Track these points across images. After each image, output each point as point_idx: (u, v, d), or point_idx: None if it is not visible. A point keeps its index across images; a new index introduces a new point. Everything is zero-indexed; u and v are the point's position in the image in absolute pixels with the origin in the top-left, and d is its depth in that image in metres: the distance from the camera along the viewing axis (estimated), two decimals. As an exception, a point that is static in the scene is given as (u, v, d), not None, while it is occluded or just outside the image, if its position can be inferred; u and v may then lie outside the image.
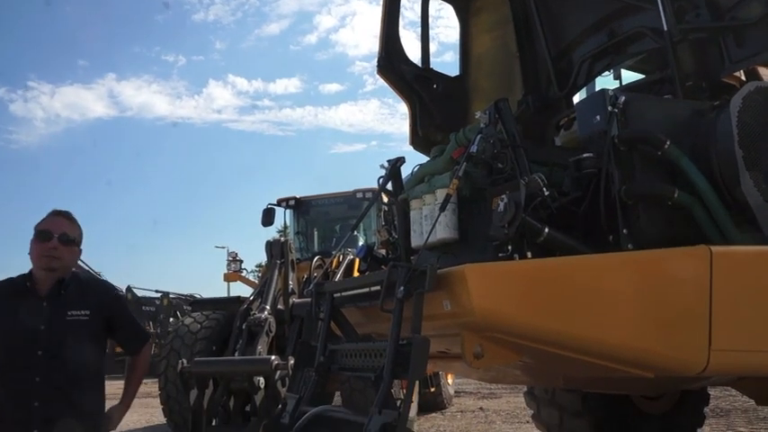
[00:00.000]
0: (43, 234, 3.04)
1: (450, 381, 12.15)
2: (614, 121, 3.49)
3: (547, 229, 3.31)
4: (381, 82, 5.50)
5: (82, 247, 3.23)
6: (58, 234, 3.10)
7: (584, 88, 5.38)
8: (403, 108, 5.64)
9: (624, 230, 3.39)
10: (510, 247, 3.34)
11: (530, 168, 3.55)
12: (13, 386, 2.93)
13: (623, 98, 3.53)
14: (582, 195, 3.54)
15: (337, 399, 8.84)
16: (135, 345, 3.63)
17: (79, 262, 16.11)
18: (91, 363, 3.17)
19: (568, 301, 3.08)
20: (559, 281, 3.12)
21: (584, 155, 3.56)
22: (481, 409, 11.64)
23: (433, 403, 11.36)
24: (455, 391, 12.80)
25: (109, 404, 3.37)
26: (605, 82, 5.16)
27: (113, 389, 3.61)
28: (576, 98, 5.39)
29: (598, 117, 3.59)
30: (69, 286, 3.14)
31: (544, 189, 3.38)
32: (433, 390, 11.26)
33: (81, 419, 3.04)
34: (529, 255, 3.34)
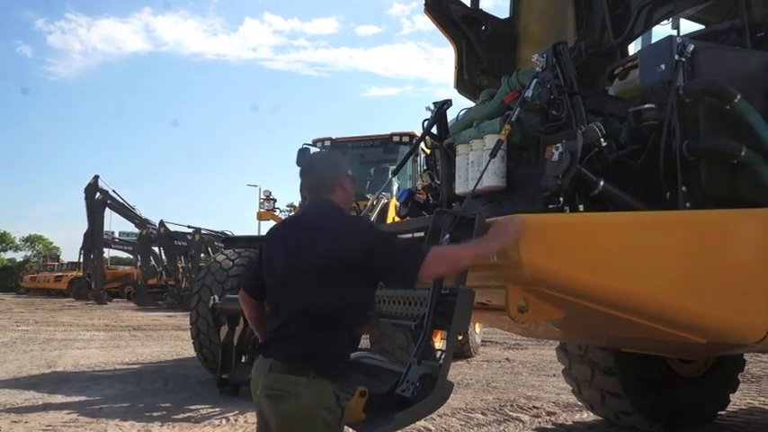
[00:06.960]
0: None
1: (477, 329, 12.13)
2: (680, 71, 3.28)
3: (602, 182, 3.15)
4: (419, 25, 5.33)
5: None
6: None
7: (641, 37, 5.13)
8: (439, 53, 5.46)
9: (683, 188, 3.22)
10: (561, 199, 3.20)
11: (586, 117, 3.37)
12: None
13: (692, 46, 3.30)
14: (640, 149, 3.36)
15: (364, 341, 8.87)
16: None
17: (114, 195, 17.08)
18: None
19: (622, 259, 2.94)
20: (613, 237, 2.97)
21: (645, 106, 3.36)
22: (507, 359, 11.61)
23: (459, 351, 11.35)
24: (481, 341, 12.79)
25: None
26: (661, 32, 4.91)
27: (147, 320, 3.51)
28: (632, 47, 5.15)
29: (663, 66, 3.37)
30: None
31: (602, 140, 3.21)
32: (460, 338, 11.21)
33: None
34: (581, 208, 3.20)
